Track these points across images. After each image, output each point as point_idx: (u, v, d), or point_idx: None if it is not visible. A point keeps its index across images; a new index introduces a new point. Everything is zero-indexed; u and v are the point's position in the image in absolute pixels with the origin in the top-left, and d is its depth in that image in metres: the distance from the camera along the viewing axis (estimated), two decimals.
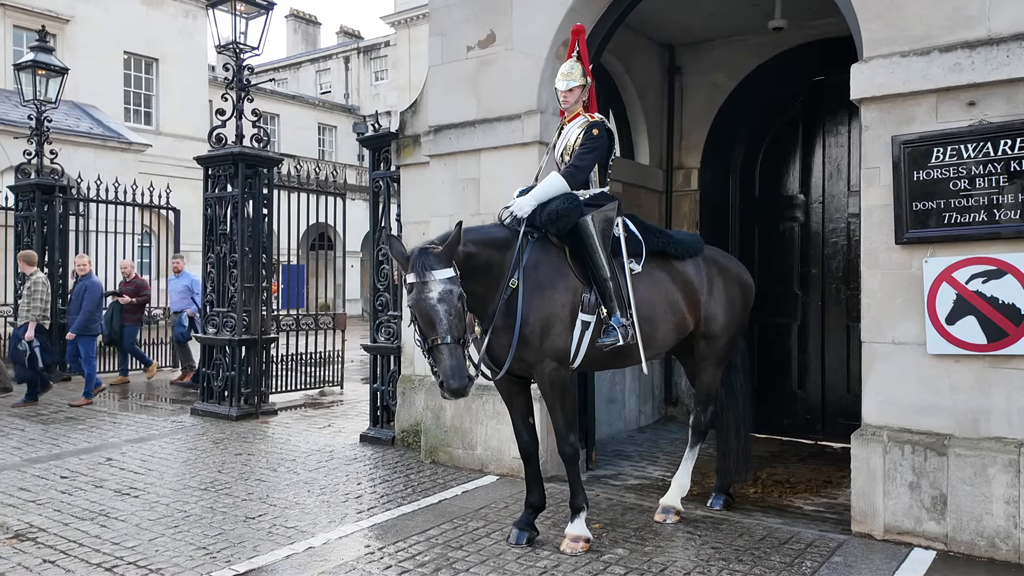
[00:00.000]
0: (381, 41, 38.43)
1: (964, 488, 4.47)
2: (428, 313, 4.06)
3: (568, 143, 4.88)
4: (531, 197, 4.64)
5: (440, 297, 4.05)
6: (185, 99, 24.13)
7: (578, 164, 4.73)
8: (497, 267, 4.46)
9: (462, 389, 4.04)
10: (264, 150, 9.42)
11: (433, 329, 4.06)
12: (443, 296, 4.05)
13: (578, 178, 4.71)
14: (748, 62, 8.22)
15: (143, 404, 10.15)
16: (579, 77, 4.88)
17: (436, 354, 4.08)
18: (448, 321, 4.04)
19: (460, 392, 4.04)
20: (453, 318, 4.06)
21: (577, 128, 4.86)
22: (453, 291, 4.09)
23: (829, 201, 7.85)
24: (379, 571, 4.30)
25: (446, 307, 4.05)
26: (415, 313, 4.15)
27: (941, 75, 4.54)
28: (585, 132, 4.79)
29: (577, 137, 4.82)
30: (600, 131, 4.78)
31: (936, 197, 4.56)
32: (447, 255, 4.12)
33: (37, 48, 12.95)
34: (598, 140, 4.76)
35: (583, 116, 4.90)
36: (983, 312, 4.44)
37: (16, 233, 12.79)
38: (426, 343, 4.14)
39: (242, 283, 9.01)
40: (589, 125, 4.81)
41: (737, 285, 5.41)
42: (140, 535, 4.92)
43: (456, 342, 4.06)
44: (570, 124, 4.93)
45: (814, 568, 4.31)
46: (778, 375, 8.00)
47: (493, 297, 4.44)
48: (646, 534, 4.87)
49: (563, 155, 4.92)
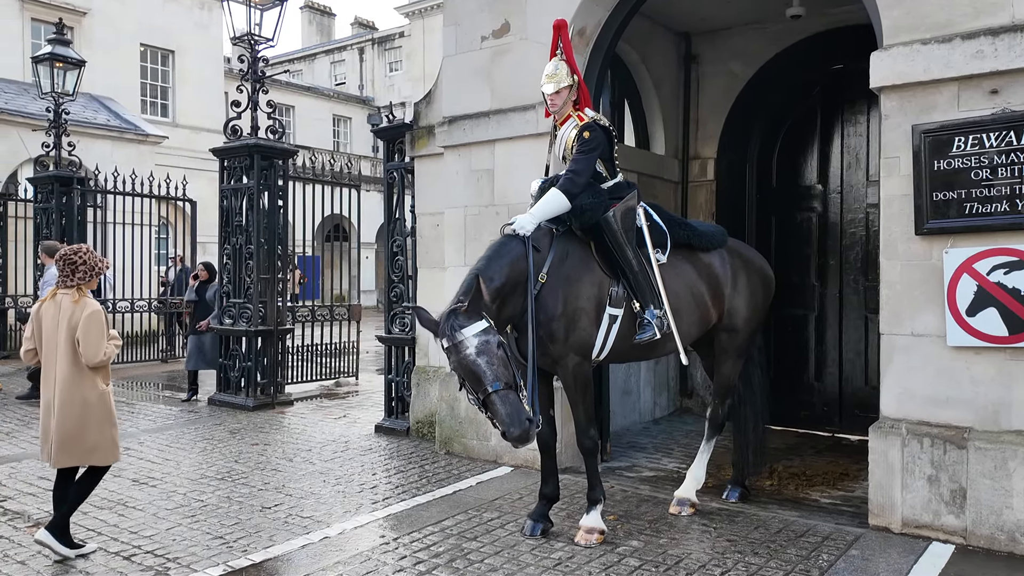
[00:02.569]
0: (396, 32, 38.40)
1: (984, 482, 4.42)
2: (471, 369, 4.01)
3: (567, 143, 4.81)
4: (532, 216, 4.54)
5: (478, 351, 3.99)
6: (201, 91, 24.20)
7: (575, 169, 4.61)
8: (524, 276, 4.41)
9: (525, 434, 3.94)
10: (279, 142, 9.45)
11: (480, 383, 4.01)
12: (481, 349, 3.99)
13: (577, 183, 4.58)
14: (766, 50, 8.12)
15: (160, 394, 10.23)
16: (565, 77, 4.76)
17: (490, 406, 4.01)
18: (492, 370, 3.98)
19: (524, 439, 3.95)
20: (497, 366, 4.00)
21: (572, 130, 4.78)
22: (490, 341, 4.03)
23: (847, 191, 7.76)
24: (394, 561, 4.32)
25: (487, 358, 3.99)
26: (459, 375, 4.10)
27: (963, 62, 4.46)
28: (577, 136, 4.69)
29: (572, 139, 4.74)
30: (592, 132, 4.66)
31: (957, 187, 4.49)
32: (475, 310, 4.06)
33: (54, 41, 13.02)
34: (592, 142, 4.64)
35: (573, 118, 4.80)
36: (1004, 304, 4.37)
37: (35, 225, 12.90)
38: (478, 398, 4.06)
39: (258, 274, 9.05)
40: (581, 128, 4.70)
41: (760, 279, 5.37)
42: (158, 524, 4.97)
43: (507, 387, 3.99)
44: (564, 127, 4.86)
45: (831, 562, 4.28)
46: (795, 367, 7.94)
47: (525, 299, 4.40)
48: (661, 526, 4.86)
49: (564, 155, 4.86)
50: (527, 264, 4.41)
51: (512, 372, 4.06)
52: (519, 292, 4.40)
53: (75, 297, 4.36)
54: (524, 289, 4.40)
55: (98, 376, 4.40)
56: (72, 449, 4.35)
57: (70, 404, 4.32)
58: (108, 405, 4.45)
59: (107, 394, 4.45)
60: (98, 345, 4.30)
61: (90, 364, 4.32)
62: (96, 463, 4.46)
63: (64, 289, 4.38)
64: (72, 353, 4.32)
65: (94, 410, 4.37)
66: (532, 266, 4.41)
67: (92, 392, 4.36)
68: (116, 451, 4.52)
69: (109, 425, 4.44)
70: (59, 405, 4.32)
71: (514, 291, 4.38)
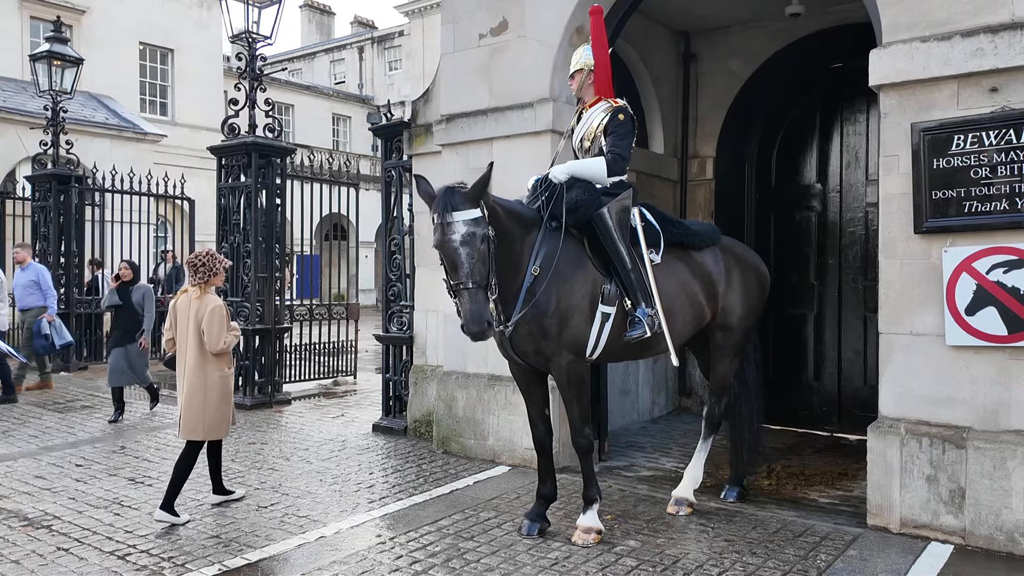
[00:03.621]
0: (395, 31, 38.38)
1: (983, 482, 4.40)
2: (451, 255, 4.05)
3: (590, 128, 4.81)
4: (567, 167, 4.61)
5: (463, 240, 4.02)
6: (200, 90, 24.18)
7: (619, 151, 4.66)
8: (518, 245, 4.41)
9: (480, 333, 4.04)
10: (277, 140, 9.42)
11: (456, 273, 4.06)
12: (466, 239, 4.02)
13: (620, 165, 4.66)
14: (765, 49, 8.10)
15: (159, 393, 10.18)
16: (579, 61, 4.85)
17: (459, 296, 4.10)
18: (470, 265, 4.02)
19: (478, 336, 4.05)
20: (476, 262, 4.03)
21: (600, 113, 4.79)
22: (477, 233, 4.04)
23: (847, 190, 7.74)
24: (391, 561, 4.30)
25: (468, 250, 4.02)
26: (439, 254, 4.14)
27: (962, 60, 4.44)
28: (611, 118, 4.71)
29: (600, 122, 4.75)
30: (626, 116, 4.74)
31: (956, 185, 4.47)
32: (474, 195, 4.08)
33: (53, 39, 13.02)
34: (627, 124, 4.72)
35: (605, 101, 4.83)
36: (1004, 303, 4.35)
37: (33, 223, 12.89)
38: (450, 284, 4.16)
39: (255, 273, 9.03)
40: (615, 110, 4.74)
41: (754, 276, 5.35)
42: (153, 523, 4.94)
43: (478, 287, 4.03)
44: (591, 109, 4.86)
45: (829, 562, 4.26)
46: (794, 366, 7.92)
47: (510, 280, 4.38)
48: (658, 526, 4.84)
49: (582, 141, 4.86)
50: (529, 238, 4.43)
51: (488, 271, 4.10)
52: (510, 256, 4.34)
53: (199, 293, 5.10)
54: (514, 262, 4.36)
55: (221, 361, 5.13)
56: (195, 426, 5.10)
57: (194, 386, 5.06)
58: (227, 387, 5.19)
59: (227, 376, 5.20)
60: (219, 335, 5.02)
61: (212, 351, 5.04)
62: (213, 438, 5.22)
63: (193, 286, 5.15)
64: (198, 341, 5.05)
65: (215, 391, 5.09)
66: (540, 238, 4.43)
67: (213, 375, 5.09)
68: (226, 426, 5.24)
69: (225, 404, 5.17)
70: (187, 386, 5.08)
71: (505, 243, 4.30)
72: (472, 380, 6.51)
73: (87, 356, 12.43)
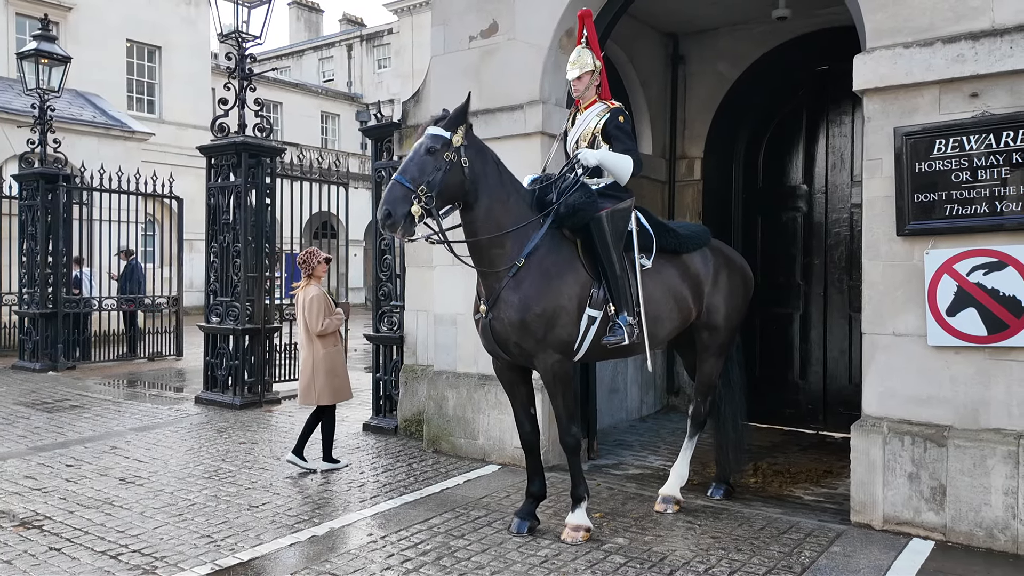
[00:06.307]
0: (384, 29, 38.29)
1: (963, 479, 4.49)
2: (408, 155, 4.33)
3: (587, 130, 4.86)
4: (599, 155, 4.69)
5: (419, 147, 4.28)
6: (188, 87, 24.08)
7: (629, 148, 4.76)
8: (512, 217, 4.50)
9: (383, 222, 4.15)
10: (267, 139, 9.42)
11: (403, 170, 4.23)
12: (420, 147, 4.28)
13: (639, 167, 4.79)
14: (752, 51, 8.18)
15: (148, 393, 10.20)
16: (588, 63, 4.87)
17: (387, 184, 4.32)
18: (416, 167, 4.21)
19: (383, 222, 4.15)
20: (416, 165, 4.22)
21: (595, 116, 4.84)
22: (431, 148, 4.27)
23: (832, 191, 7.84)
24: (382, 559, 4.34)
25: (422, 156, 4.24)
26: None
27: (944, 66, 4.52)
28: (611, 118, 4.78)
29: (598, 124, 4.81)
30: (626, 118, 4.83)
31: (938, 189, 4.56)
32: (450, 121, 4.32)
33: (40, 36, 12.94)
34: (628, 124, 4.84)
35: (601, 103, 4.89)
36: (984, 304, 4.44)
37: (20, 222, 12.82)
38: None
39: (245, 272, 9.03)
40: (614, 112, 4.81)
41: (740, 277, 5.43)
42: (144, 523, 4.97)
43: (408, 187, 4.14)
44: (587, 112, 4.92)
45: (813, 558, 4.34)
46: (780, 365, 8.02)
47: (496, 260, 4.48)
48: (646, 523, 4.91)
49: (578, 143, 4.91)
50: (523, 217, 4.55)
51: (424, 180, 4.18)
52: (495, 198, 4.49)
53: (304, 284, 6.21)
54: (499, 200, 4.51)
55: (326, 340, 6.12)
56: (306, 394, 6.14)
57: (306, 361, 6.12)
58: (332, 362, 6.13)
59: (332, 353, 6.15)
60: (318, 319, 6.04)
61: (315, 333, 6.06)
62: (324, 403, 6.16)
63: (304, 280, 6.22)
64: (306, 325, 6.09)
65: (321, 365, 6.07)
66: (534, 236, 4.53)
67: (319, 352, 6.07)
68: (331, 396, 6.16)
69: (332, 376, 6.13)
70: (302, 362, 6.20)
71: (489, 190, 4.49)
72: (462, 380, 6.55)
73: (77, 356, 12.40)
